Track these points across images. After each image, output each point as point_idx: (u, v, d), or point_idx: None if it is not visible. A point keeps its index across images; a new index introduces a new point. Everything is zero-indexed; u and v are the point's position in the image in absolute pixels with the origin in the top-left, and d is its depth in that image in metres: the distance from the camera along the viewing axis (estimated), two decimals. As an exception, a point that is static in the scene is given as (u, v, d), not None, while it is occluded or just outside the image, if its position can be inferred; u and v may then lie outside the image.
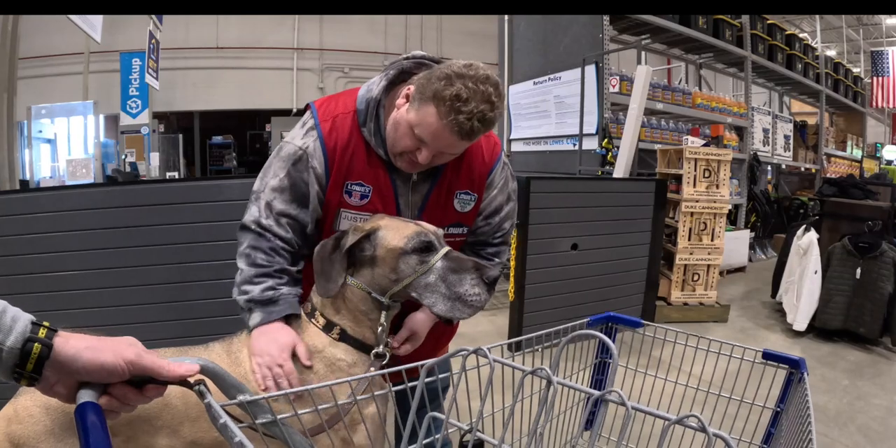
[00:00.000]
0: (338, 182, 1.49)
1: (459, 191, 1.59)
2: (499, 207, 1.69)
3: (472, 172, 1.60)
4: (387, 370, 1.05)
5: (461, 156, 1.55)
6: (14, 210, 2.60)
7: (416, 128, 1.37)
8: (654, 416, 0.82)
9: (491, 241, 1.73)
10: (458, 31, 14.77)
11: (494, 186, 1.66)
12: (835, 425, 3.04)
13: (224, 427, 0.80)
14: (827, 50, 14.40)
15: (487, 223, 1.69)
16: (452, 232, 1.62)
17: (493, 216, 1.69)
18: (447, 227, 1.59)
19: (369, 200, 1.51)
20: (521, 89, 7.88)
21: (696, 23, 7.12)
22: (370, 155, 1.50)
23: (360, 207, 1.51)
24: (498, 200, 1.68)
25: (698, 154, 4.97)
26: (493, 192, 1.66)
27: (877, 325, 4.20)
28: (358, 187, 1.50)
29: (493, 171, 1.63)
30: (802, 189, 10.58)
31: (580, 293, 4.25)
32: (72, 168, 9.71)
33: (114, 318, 2.73)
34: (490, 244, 1.74)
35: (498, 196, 1.67)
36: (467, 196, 1.61)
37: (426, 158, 1.40)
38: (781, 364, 1.33)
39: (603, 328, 1.57)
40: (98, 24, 6.90)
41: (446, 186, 1.57)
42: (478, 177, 1.61)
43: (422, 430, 1.00)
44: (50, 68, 11.45)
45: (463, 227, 1.65)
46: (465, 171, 1.59)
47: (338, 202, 1.51)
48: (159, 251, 2.77)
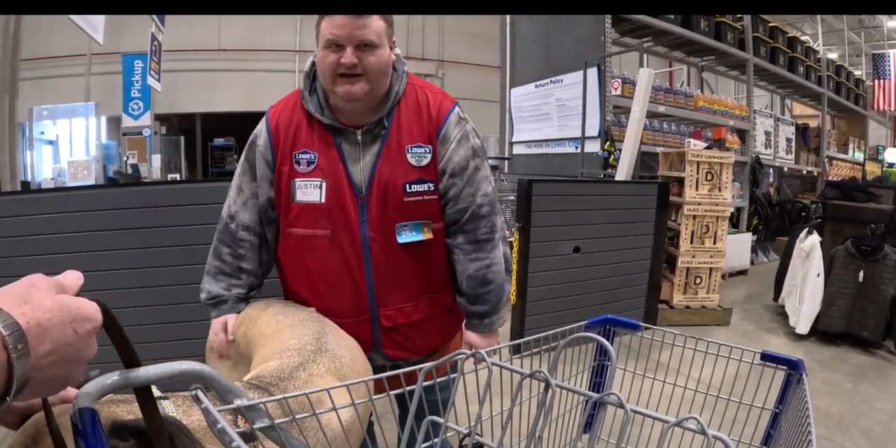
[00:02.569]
0: (286, 154, 1.58)
1: (410, 145, 1.58)
2: (463, 164, 1.61)
3: (420, 127, 1.60)
4: (385, 374, 1.05)
5: (405, 113, 1.59)
6: (15, 211, 2.61)
7: (323, 43, 1.48)
8: (653, 418, 0.81)
9: (478, 211, 1.63)
10: (459, 33, 14.78)
11: (450, 140, 1.61)
12: (838, 429, 3.03)
13: (222, 432, 0.80)
14: (828, 52, 14.40)
15: (453, 183, 1.61)
16: (417, 189, 1.58)
17: (459, 174, 1.61)
18: (409, 184, 1.57)
19: (316, 165, 1.57)
20: (522, 92, 7.89)
21: (697, 25, 7.12)
22: (312, 125, 1.59)
23: (308, 174, 1.57)
24: (460, 155, 1.61)
25: (700, 157, 4.97)
26: (450, 146, 1.60)
27: (879, 328, 4.19)
28: (304, 155, 1.57)
29: (443, 126, 1.61)
30: (804, 192, 10.58)
31: (582, 296, 4.24)
32: (73, 170, 9.72)
33: (114, 320, 2.73)
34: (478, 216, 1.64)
35: (458, 150, 1.61)
36: (420, 149, 1.59)
37: (350, 56, 1.46)
38: (780, 365, 1.32)
39: (601, 331, 1.57)
40: (100, 25, 6.92)
41: (395, 142, 1.58)
42: (427, 131, 1.60)
43: (420, 434, 1.00)
44: (52, 70, 11.48)
45: (427, 183, 1.60)
46: (413, 126, 1.60)
47: (289, 173, 1.58)
48: (161, 253, 2.77)
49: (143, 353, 0.70)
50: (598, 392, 0.88)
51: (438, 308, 1.71)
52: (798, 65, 9.34)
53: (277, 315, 1.44)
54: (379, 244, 1.57)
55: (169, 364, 0.82)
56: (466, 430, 0.97)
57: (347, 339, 1.39)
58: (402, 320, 1.64)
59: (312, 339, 1.24)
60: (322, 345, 1.22)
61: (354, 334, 1.50)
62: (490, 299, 1.66)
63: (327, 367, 1.13)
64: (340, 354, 1.22)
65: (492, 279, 1.64)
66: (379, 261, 1.58)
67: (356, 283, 1.60)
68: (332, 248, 1.59)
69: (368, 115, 1.57)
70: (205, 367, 0.87)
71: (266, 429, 0.92)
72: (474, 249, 1.63)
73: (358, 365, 1.27)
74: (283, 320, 1.40)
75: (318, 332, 1.30)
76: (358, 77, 1.48)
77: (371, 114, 1.57)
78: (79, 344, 0.59)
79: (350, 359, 1.24)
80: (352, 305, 1.61)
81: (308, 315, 1.43)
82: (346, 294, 1.61)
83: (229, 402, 0.90)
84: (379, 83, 1.52)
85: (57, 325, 0.56)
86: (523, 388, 0.94)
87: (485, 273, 1.63)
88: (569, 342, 1.03)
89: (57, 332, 0.56)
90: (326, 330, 1.33)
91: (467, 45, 14.62)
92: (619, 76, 6.56)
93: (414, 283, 1.64)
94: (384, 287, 1.60)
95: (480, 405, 0.95)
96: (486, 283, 1.64)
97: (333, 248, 1.58)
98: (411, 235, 1.59)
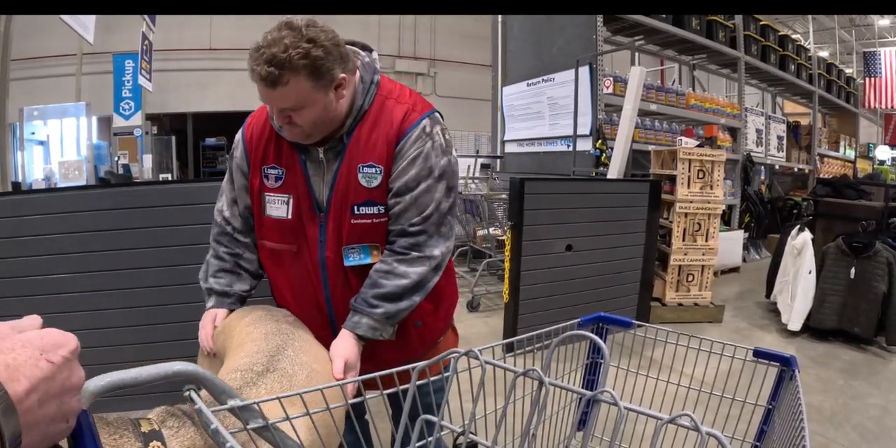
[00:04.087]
0: (256, 167, 1.58)
1: (362, 164, 1.50)
2: (411, 184, 1.50)
3: (376, 143, 1.50)
4: (378, 373, 1.04)
5: (367, 128, 1.51)
6: (5, 212, 2.59)
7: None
8: (646, 415, 0.82)
9: (408, 229, 1.51)
10: (451, 32, 14.76)
11: (404, 157, 1.50)
12: (830, 425, 3.05)
13: (216, 432, 0.80)
14: (820, 51, 14.47)
15: (396, 202, 1.51)
16: (365, 211, 1.51)
17: (403, 194, 1.50)
18: (357, 206, 1.50)
19: (283, 181, 1.56)
20: (514, 90, 7.90)
21: (689, 24, 7.15)
22: (280, 141, 1.55)
23: (276, 189, 1.56)
24: (410, 175, 1.50)
25: (692, 155, 4.98)
26: (402, 163, 1.50)
27: (871, 325, 4.21)
28: (272, 170, 1.56)
29: (402, 140, 1.50)
30: (796, 189, 10.62)
31: (575, 294, 4.25)
32: (64, 170, 9.66)
33: (106, 321, 2.72)
34: (406, 233, 1.52)
35: (410, 169, 1.49)
36: (371, 169, 1.50)
37: (278, 118, 1.43)
38: (773, 362, 1.33)
39: (594, 329, 1.57)
40: (91, 25, 6.88)
41: (348, 161, 1.50)
42: (383, 147, 1.50)
43: (414, 432, 1.00)
44: (42, 70, 11.41)
45: (376, 205, 1.51)
46: (370, 142, 1.51)
47: (259, 186, 1.59)
48: (152, 253, 2.76)
49: (136, 353, 0.69)
50: (591, 390, 0.89)
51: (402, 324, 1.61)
52: (789, 63, 9.38)
53: (249, 326, 1.40)
54: (334, 264, 1.55)
55: (162, 365, 0.81)
56: (460, 428, 0.97)
57: (311, 355, 1.32)
58: None
59: (265, 357, 1.21)
60: (273, 364, 1.18)
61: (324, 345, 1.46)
62: (374, 311, 1.49)
63: (269, 389, 1.10)
64: (292, 373, 1.18)
65: (383, 284, 1.50)
66: (335, 280, 1.57)
67: (318, 299, 1.61)
68: (297, 264, 1.59)
69: (330, 134, 1.51)
70: (197, 368, 0.86)
71: (260, 429, 0.92)
72: (388, 254, 1.53)
73: (314, 382, 1.21)
74: (251, 333, 1.35)
75: (276, 348, 1.25)
76: (296, 126, 1.43)
77: (333, 133, 1.51)
78: (60, 373, 0.54)
79: (306, 376, 1.20)
80: (316, 319, 1.61)
81: (276, 327, 1.37)
82: (311, 308, 1.62)
83: (223, 402, 0.90)
84: (320, 128, 1.46)
85: (26, 361, 0.51)
86: (517, 387, 0.94)
87: (392, 289, 1.50)
88: (562, 340, 1.03)
89: (29, 368, 0.51)
90: (287, 345, 1.28)
91: (459, 44, 14.60)
92: (611, 74, 6.58)
93: None
94: (340, 305, 1.58)
95: (474, 404, 0.95)
96: (375, 285, 1.50)
97: (299, 264, 1.59)
98: (358, 258, 1.54)
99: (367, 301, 1.48)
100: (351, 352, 1.44)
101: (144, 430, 0.86)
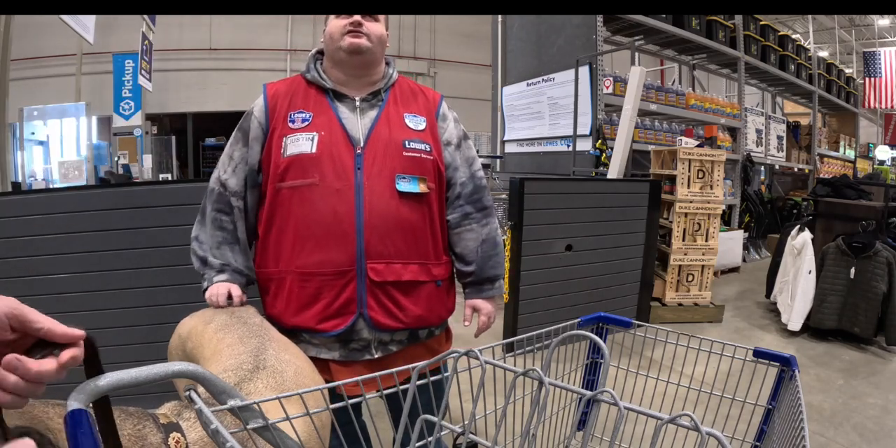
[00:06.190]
0: (281, 116, 1.69)
1: (407, 113, 1.74)
2: (459, 140, 1.82)
3: (416, 102, 1.79)
4: (378, 373, 1.04)
5: (401, 93, 1.78)
6: (5, 212, 2.59)
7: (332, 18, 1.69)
8: (646, 415, 0.82)
9: (486, 203, 1.82)
10: (451, 32, 14.78)
11: (448, 119, 1.82)
12: (830, 425, 3.05)
13: (215, 432, 0.80)
14: (819, 51, 14.47)
15: (454, 153, 1.80)
16: (415, 146, 1.70)
17: (458, 146, 1.81)
18: (408, 141, 1.69)
19: (310, 123, 1.66)
20: (514, 90, 7.89)
21: (689, 24, 7.14)
22: (309, 90, 1.72)
23: (301, 129, 1.66)
24: (457, 132, 1.82)
25: (692, 155, 4.98)
26: (449, 123, 1.81)
27: (871, 325, 4.21)
28: (300, 114, 1.68)
29: (440, 108, 1.82)
30: (796, 189, 10.62)
31: (575, 294, 4.25)
32: (64, 170, 9.66)
33: (107, 321, 2.72)
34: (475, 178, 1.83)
35: (455, 129, 1.82)
36: (416, 118, 1.75)
37: (356, 17, 1.65)
38: (772, 362, 1.33)
39: (594, 328, 1.57)
40: (90, 25, 6.88)
41: (393, 110, 1.73)
42: (423, 105, 1.78)
43: (414, 432, 1.00)
44: (42, 70, 11.42)
45: (425, 144, 1.72)
46: (410, 99, 1.78)
47: (281, 131, 1.67)
48: (152, 253, 2.76)
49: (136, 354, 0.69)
50: (591, 390, 0.89)
51: (428, 277, 1.72)
52: (789, 63, 9.37)
53: (219, 332, 1.40)
54: (374, 192, 1.62)
55: (162, 365, 0.81)
56: (460, 428, 0.97)
57: (291, 352, 1.35)
58: (390, 277, 1.63)
59: (250, 356, 1.21)
60: (260, 362, 1.19)
61: (338, 294, 1.59)
62: (500, 262, 1.84)
63: (266, 384, 1.11)
64: (281, 369, 1.19)
65: (499, 242, 1.83)
66: (373, 207, 1.61)
67: (345, 232, 1.60)
68: (319, 197, 1.61)
69: (366, 87, 1.72)
70: (198, 368, 0.86)
71: (259, 429, 0.92)
72: (484, 216, 1.81)
73: (303, 378, 1.22)
74: (223, 339, 1.36)
75: (256, 348, 1.26)
76: (363, 34, 1.64)
77: (368, 87, 1.72)
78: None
79: (294, 372, 1.21)
80: (337, 259, 1.60)
81: (248, 330, 1.38)
82: (333, 246, 1.60)
83: (223, 402, 0.90)
84: (377, 48, 1.68)
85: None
86: (517, 387, 0.94)
87: (495, 236, 1.82)
88: (562, 340, 1.03)
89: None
90: (266, 345, 1.29)
91: (459, 44, 14.62)
92: (611, 74, 6.57)
93: (406, 239, 1.66)
94: (375, 236, 1.61)
95: (474, 404, 0.95)
96: (497, 244, 1.82)
97: (321, 196, 1.61)
98: (409, 186, 1.66)
99: (499, 262, 1.83)
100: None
101: (163, 422, 0.90)
